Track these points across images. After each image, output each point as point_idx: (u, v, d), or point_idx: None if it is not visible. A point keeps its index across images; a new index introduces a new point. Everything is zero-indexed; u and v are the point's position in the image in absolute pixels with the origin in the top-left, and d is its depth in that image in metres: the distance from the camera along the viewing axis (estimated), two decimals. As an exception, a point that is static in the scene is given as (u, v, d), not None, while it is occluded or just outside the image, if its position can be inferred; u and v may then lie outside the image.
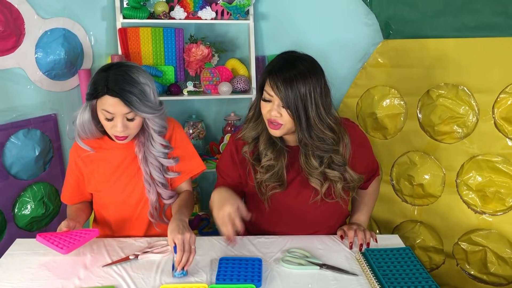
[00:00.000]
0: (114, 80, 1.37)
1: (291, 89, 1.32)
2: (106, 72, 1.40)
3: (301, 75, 1.33)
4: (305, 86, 1.33)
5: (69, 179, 1.62)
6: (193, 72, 2.29)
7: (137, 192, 1.56)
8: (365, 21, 2.11)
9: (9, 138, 1.91)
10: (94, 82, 1.40)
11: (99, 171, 1.56)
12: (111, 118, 1.40)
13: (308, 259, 1.36)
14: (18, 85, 1.95)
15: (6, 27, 1.82)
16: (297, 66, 1.35)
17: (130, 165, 1.56)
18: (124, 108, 1.38)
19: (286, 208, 1.52)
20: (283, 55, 1.42)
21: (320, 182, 1.45)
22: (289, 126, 1.38)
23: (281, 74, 1.33)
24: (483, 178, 1.84)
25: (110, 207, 1.59)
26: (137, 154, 1.54)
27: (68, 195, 1.63)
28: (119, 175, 1.56)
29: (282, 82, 1.33)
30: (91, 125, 1.47)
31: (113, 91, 1.36)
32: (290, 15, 2.27)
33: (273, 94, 1.35)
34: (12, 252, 1.41)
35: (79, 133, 1.50)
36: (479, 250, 1.86)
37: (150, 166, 1.53)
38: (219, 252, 1.41)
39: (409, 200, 2.04)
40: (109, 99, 1.37)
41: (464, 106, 1.86)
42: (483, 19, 1.80)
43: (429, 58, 1.93)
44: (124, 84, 1.37)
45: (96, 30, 2.17)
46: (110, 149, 1.55)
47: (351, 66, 2.16)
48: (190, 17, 2.20)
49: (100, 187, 1.57)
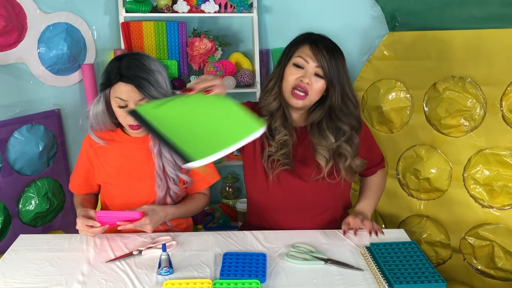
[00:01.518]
0: (126, 67, 1.42)
1: (334, 59, 1.41)
2: (118, 61, 1.45)
3: (337, 50, 1.44)
4: (341, 58, 1.44)
5: (79, 169, 1.63)
6: (196, 66, 2.28)
7: (146, 188, 1.55)
8: (371, 13, 2.09)
9: (13, 134, 1.91)
10: (106, 71, 1.45)
11: (110, 164, 1.56)
12: (124, 105, 1.43)
13: (313, 254, 1.35)
14: (21, 80, 1.95)
15: (8, 22, 1.81)
16: (330, 41, 1.46)
17: (142, 160, 1.55)
18: (137, 95, 1.41)
19: (287, 185, 1.52)
20: (310, 32, 1.50)
21: (325, 159, 1.48)
22: (312, 97, 1.44)
23: (323, 44, 1.42)
24: (491, 172, 1.82)
25: (118, 200, 1.59)
26: (152, 149, 1.54)
27: (76, 184, 1.65)
28: (130, 169, 1.55)
29: (326, 50, 1.41)
30: (104, 116, 1.50)
31: (127, 77, 1.40)
32: (294, 8, 2.25)
33: (310, 61, 1.41)
34: (15, 248, 1.41)
35: (92, 124, 1.52)
36: (486, 245, 1.84)
37: (164, 161, 1.54)
38: (223, 247, 1.40)
39: (415, 195, 2.02)
40: (122, 86, 1.41)
41: (471, 99, 1.83)
42: (491, 10, 1.77)
43: (436, 50, 1.90)
44: (137, 71, 1.41)
45: (98, 24, 2.16)
46: (123, 142, 1.56)
47: (356, 59, 2.13)
48: (193, 11, 2.18)
49: (110, 180, 1.57)
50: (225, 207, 2.43)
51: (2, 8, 1.79)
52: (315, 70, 1.42)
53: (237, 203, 2.34)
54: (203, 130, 1.13)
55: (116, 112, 1.47)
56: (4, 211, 1.89)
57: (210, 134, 1.12)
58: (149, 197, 1.56)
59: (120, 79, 1.41)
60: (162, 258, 1.25)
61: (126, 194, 1.57)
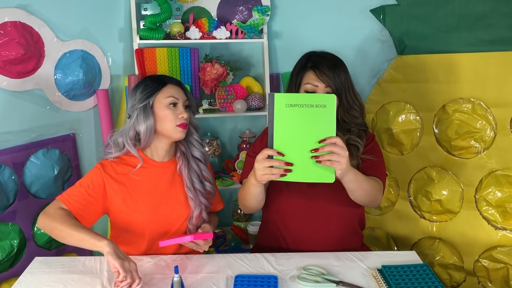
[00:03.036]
0: (165, 76, 1.63)
1: (337, 75, 1.52)
2: (152, 77, 1.62)
3: (338, 63, 1.55)
4: (344, 72, 1.54)
5: (83, 193, 1.49)
6: (208, 91, 2.32)
7: (177, 211, 1.59)
8: (379, 37, 2.12)
9: (29, 158, 1.95)
10: (148, 83, 1.58)
11: (137, 190, 1.56)
12: (176, 103, 1.56)
13: (324, 277, 1.35)
14: (37, 106, 2.00)
15: (27, 50, 1.87)
16: (329, 57, 1.57)
17: (167, 184, 1.60)
18: (183, 95, 1.59)
19: (304, 189, 1.56)
20: (309, 53, 1.60)
21: None
22: None
23: (323, 64, 1.52)
24: (503, 194, 1.81)
25: (148, 227, 1.56)
26: (181, 168, 1.61)
27: (74, 202, 1.47)
28: (158, 194, 1.58)
29: (328, 70, 1.51)
30: (153, 128, 1.56)
31: (172, 81, 1.60)
32: (303, 33, 2.29)
33: (318, 84, 1.51)
34: (31, 270, 1.43)
35: (135, 142, 1.58)
36: (501, 268, 1.82)
37: (192, 174, 1.61)
38: (234, 270, 1.41)
39: (427, 217, 2.01)
40: (171, 87, 1.57)
41: (481, 121, 1.84)
42: (498, 33, 1.79)
43: (444, 73, 1.92)
44: (173, 79, 1.63)
45: (113, 51, 2.22)
46: (147, 168, 1.59)
47: (365, 82, 2.16)
48: (205, 37, 2.23)
49: (137, 207, 1.54)
50: (236, 229, 2.43)
51: (22, 38, 1.85)
52: (325, 90, 1.52)
53: (249, 226, 2.35)
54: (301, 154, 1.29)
55: (164, 115, 1.54)
56: (19, 234, 1.92)
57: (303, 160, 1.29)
58: (179, 218, 1.59)
59: (168, 82, 1.58)
60: (174, 280, 1.26)
61: (156, 221, 1.56)
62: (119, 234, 1.60)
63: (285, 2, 2.32)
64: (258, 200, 1.53)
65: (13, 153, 1.90)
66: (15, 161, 1.90)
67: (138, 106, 1.54)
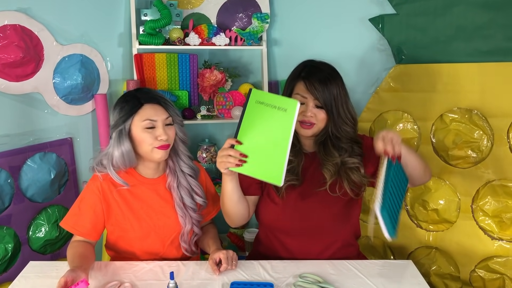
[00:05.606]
0: (145, 94, 1.53)
1: (327, 89, 1.47)
2: (131, 94, 1.54)
3: (332, 76, 1.51)
4: (336, 85, 1.49)
5: (87, 212, 1.54)
6: (206, 97, 2.32)
7: (167, 227, 1.58)
8: (378, 46, 2.13)
9: (26, 162, 1.94)
10: (124, 105, 1.50)
11: (127, 207, 1.55)
12: (153, 126, 1.48)
13: (320, 285, 1.34)
14: (35, 110, 2.00)
15: (26, 54, 1.87)
16: (324, 69, 1.53)
17: (157, 200, 1.58)
18: (164, 113, 1.50)
19: (297, 206, 1.54)
20: (305, 63, 1.58)
21: (330, 172, 1.51)
22: (320, 125, 1.51)
23: (315, 76, 1.49)
24: (499, 204, 1.81)
25: (137, 244, 1.57)
26: (171, 184, 1.58)
27: (84, 228, 1.55)
28: (149, 211, 1.56)
29: (318, 83, 1.47)
30: (131, 152, 1.50)
31: (151, 99, 1.50)
32: (302, 41, 2.30)
33: (307, 96, 1.49)
34: (25, 275, 1.42)
35: (115, 165, 1.52)
36: (497, 278, 1.82)
37: (181, 190, 1.58)
38: (230, 276, 1.40)
39: (424, 226, 2.01)
40: (148, 107, 1.48)
41: (478, 131, 1.85)
42: (496, 44, 1.81)
43: (442, 82, 1.93)
44: (155, 94, 1.54)
45: (112, 56, 2.23)
46: (137, 185, 1.57)
47: (363, 91, 2.16)
48: (205, 43, 2.24)
49: (127, 224, 1.55)
50: (232, 236, 2.43)
51: (21, 41, 1.85)
52: (314, 103, 1.50)
53: (245, 233, 2.34)
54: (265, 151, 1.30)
55: (142, 139, 1.47)
56: (14, 238, 1.91)
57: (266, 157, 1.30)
58: (171, 234, 1.58)
59: (146, 101, 1.49)
60: (170, 286, 1.25)
61: (147, 237, 1.56)
62: (112, 252, 1.64)
63: (285, 10, 2.33)
64: (235, 206, 1.48)
65: (10, 156, 1.89)
66: (11, 164, 1.89)
67: (115, 131, 1.50)
